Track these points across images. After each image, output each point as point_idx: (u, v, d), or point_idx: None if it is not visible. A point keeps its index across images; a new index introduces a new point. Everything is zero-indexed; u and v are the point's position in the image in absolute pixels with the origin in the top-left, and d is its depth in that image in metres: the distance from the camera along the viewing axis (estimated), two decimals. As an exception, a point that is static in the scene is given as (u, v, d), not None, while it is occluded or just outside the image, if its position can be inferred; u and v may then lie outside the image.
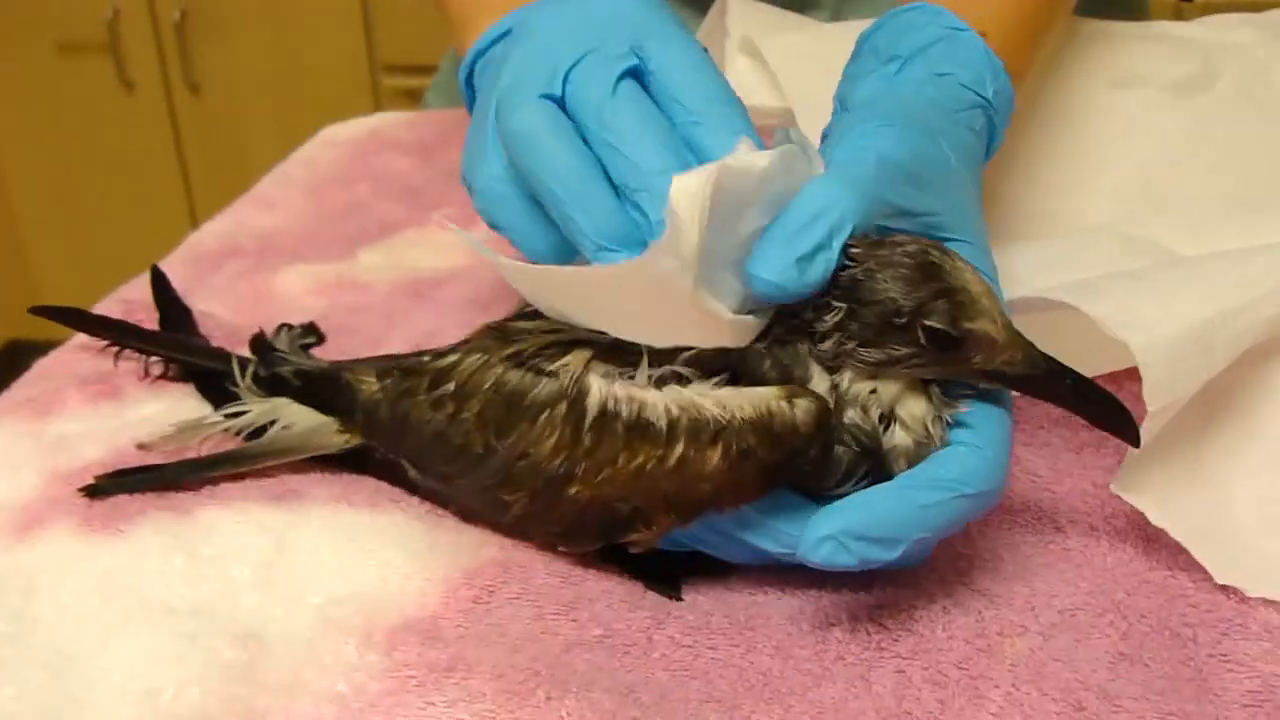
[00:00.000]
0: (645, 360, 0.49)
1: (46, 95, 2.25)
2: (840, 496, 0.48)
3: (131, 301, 0.72)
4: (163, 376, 0.66)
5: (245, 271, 0.76)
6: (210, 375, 0.63)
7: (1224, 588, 0.52)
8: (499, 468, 0.52)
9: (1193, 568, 0.53)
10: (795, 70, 0.76)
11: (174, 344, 0.66)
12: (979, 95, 0.60)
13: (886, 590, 0.52)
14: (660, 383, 0.49)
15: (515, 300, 0.57)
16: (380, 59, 2.15)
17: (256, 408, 0.59)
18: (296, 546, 0.54)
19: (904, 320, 0.47)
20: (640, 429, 0.48)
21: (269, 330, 0.67)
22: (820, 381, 0.49)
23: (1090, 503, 0.57)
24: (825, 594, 0.52)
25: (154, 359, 0.66)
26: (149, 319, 0.70)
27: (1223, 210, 0.68)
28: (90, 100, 2.24)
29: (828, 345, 0.49)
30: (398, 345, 0.69)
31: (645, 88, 0.54)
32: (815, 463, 0.48)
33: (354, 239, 0.82)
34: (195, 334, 0.68)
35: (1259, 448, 0.57)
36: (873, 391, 0.49)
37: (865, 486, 0.49)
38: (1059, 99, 0.75)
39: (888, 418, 0.49)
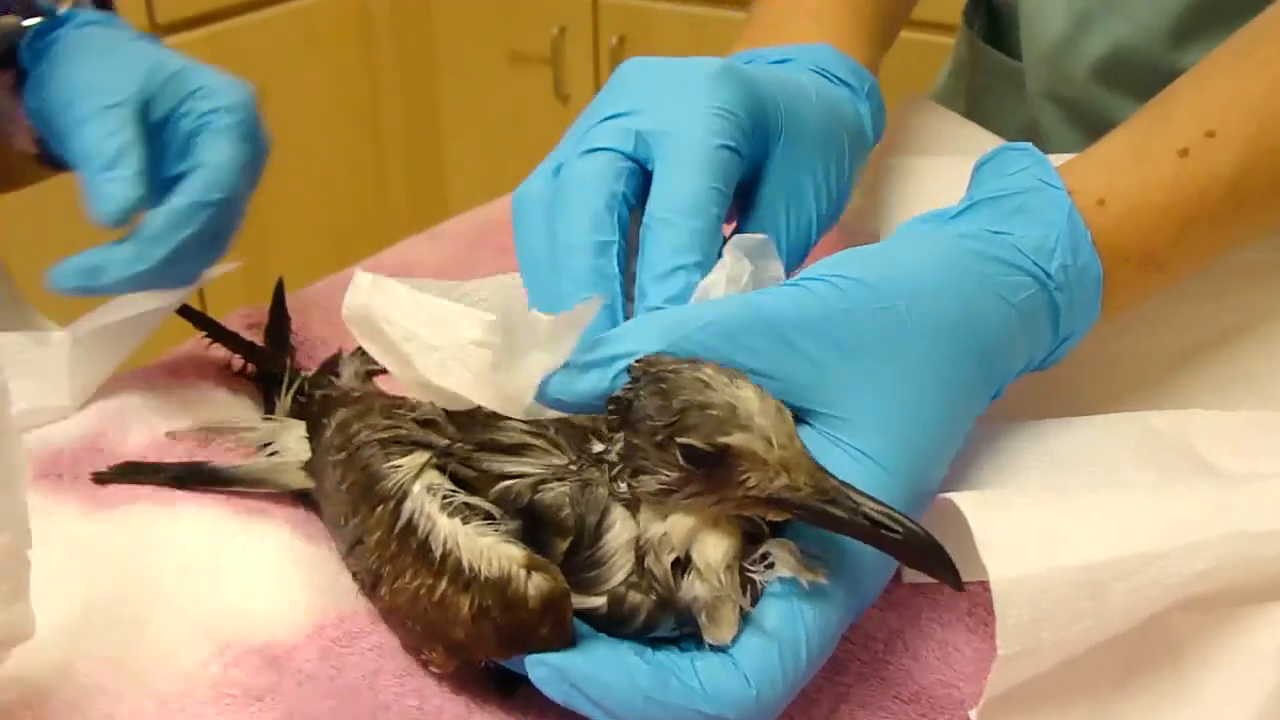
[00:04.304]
0: (447, 480, 0.49)
1: (493, 99, 2.48)
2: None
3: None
4: (241, 374, 0.74)
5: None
6: (273, 382, 0.70)
7: None
8: (351, 540, 0.54)
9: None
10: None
11: (250, 349, 0.73)
12: (1035, 264, 0.54)
13: None
14: (456, 511, 0.48)
15: None
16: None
17: (262, 427, 0.65)
18: (230, 554, 0.60)
19: (660, 439, 0.44)
20: (424, 552, 0.48)
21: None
22: (624, 529, 0.47)
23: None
24: None
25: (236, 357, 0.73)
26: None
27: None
28: (529, 107, 2.45)
29: (622, 483, 0.46)
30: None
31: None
32: (548, 640, 0.46)
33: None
34: (285, 343, 0.75)
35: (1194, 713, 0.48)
36: (664, 534, 0.46)
37: (678, 635, 0.47)
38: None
39: (684, 564, 0.46)
